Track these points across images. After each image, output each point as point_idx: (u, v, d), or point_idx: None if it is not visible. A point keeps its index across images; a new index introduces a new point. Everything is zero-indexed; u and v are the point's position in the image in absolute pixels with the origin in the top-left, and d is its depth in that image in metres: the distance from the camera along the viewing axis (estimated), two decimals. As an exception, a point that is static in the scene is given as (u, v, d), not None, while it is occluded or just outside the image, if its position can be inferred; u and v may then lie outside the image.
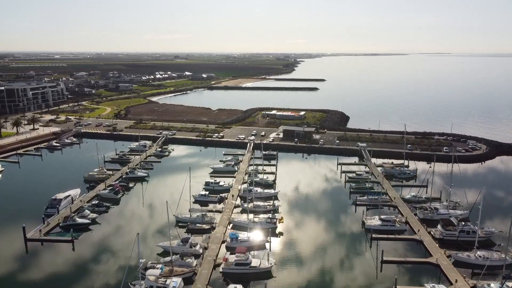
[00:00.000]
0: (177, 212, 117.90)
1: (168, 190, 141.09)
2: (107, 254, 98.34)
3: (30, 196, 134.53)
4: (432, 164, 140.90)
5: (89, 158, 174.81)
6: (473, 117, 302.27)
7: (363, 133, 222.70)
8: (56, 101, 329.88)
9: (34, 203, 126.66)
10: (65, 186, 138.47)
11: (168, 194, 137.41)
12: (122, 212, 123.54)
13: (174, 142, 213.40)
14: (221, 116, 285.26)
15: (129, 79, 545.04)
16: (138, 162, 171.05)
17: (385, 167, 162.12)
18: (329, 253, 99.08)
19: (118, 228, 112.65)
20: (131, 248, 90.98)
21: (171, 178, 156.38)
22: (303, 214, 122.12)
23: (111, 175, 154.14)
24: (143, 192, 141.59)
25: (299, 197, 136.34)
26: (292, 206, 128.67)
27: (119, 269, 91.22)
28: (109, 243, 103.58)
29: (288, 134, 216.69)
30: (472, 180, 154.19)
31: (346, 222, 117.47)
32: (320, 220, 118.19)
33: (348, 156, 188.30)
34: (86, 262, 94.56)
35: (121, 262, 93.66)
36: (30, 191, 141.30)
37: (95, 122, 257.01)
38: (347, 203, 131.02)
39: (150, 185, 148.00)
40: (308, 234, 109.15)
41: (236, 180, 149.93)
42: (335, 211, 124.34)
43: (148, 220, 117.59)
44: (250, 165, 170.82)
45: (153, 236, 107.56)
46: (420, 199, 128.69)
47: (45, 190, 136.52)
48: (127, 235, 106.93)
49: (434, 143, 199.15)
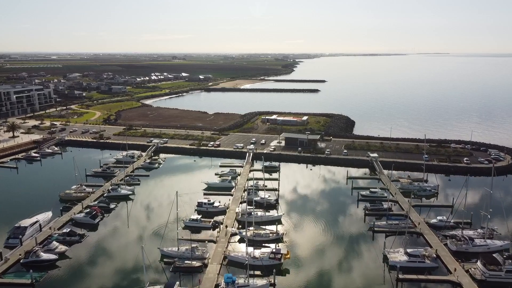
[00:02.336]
0: (162, 244, 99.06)
1: (154, 213, 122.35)
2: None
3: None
4: (460, 179, 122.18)
5: (69, 172, 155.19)
6: (489, 121, 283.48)
7: (372, 141, 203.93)
8: (42, 105, 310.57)
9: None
10: (36, 207, 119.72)
11: (154, 217, 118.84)
12: (99, 243, 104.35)
13: (166, 151, 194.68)
14: (218, 121, 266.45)
15: (123, 81, 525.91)
16: (123, 176, 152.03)
17: (402, 182, 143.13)
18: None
19: (91, 265, 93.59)
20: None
21: (159, 195, 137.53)
22: (312, 245, 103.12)
23: (91, 193, 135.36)
24: (127, 214, 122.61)
25: (306, 222, 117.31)
26: (298, 233, 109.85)
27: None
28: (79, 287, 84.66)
29: (291, 142, 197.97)
30: (506, 199, 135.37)
31: (363, 254, 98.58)
32: (332, 252, 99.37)
33: (358, 168, 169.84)
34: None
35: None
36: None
37: (82, 128, 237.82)
38: (363, 229, 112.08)
39: (135, 206, 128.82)
40: (319, 272, 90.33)
41: (233, 199, 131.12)
42: (350, 241, 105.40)
43: (128, 254, 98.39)
44: (250, 179, 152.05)
45: (131, 277, 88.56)
46: (448, 223, 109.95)
47: (12, 214, 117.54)
48: (101, 277, 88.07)
49: (452, 153, 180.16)
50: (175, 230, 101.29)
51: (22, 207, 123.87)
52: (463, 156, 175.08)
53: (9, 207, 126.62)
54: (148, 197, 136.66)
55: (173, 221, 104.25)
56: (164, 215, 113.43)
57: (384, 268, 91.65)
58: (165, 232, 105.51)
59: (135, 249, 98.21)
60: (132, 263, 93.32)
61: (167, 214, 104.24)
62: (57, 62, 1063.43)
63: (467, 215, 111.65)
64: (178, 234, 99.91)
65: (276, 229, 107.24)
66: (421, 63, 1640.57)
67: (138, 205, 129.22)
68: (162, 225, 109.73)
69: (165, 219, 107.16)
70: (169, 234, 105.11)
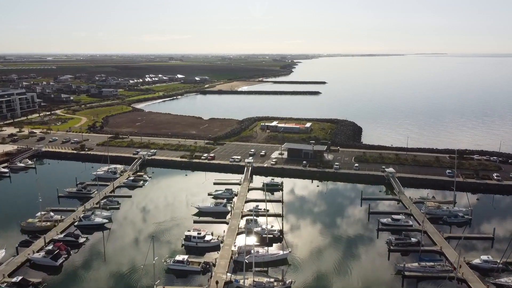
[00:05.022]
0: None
1: (132, 250, 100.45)
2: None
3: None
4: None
5: (42, 193, 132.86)
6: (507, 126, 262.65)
7: (385, 151, 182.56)
8: (25, 110, 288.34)
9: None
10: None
11: (132, 255, 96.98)
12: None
13: (154, 165, 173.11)
14: (213, 127, 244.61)
15: (116, 83, 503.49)
16: (100, 198, 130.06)
17: (428, 205, 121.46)
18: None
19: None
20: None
21: (140, 224, 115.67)
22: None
23: (59, 221, 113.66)
24: (98, 251, 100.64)
25: (317, 261, 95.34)
26: (309, 279, 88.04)
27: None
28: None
29: (294, 154, 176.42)
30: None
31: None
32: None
33: (372, 184, 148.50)
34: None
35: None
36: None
37: (63, 137, 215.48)
38: (389, 272, 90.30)
39: (110, 240, 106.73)
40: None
41: (229, 229, 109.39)
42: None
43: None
44: (248, 201, 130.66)
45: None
46: (495, 265, 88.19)
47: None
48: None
49: (477, 166, 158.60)
50: (156, 275, 79.68)
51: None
52: (491, 170, 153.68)
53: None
54: (127, 226, 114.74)
55: (154, 262, 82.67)
56: (143, 252, 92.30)
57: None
58: (142, 278, 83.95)
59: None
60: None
61: (147, 250, 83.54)
62: (52, 64, 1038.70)
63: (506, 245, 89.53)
64: (156, 285, 78.24)
65: (282, 275, 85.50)
66: (421, 63, 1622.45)
67: (113, 238, 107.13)
68: (139, 268, 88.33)
69: (143, 260, 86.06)
70: (147, 281, 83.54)
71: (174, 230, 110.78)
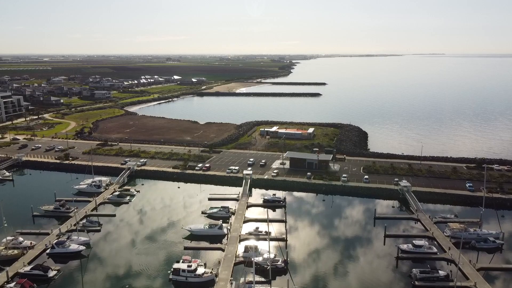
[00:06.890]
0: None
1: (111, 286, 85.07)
2: None
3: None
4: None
5: (12, 212, 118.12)
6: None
7: (397, 161, 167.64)
8: (10, 114, 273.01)
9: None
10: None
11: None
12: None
13: (143, 176, 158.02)
14: (210, 133, 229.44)
15: (110, 85, 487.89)
16: (80, 218, 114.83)
17: (452, 227, 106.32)
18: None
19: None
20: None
21: (124, 250, 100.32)
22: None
23: (29, 248, 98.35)
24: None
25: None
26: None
27: None
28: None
29: (297, 164, 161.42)
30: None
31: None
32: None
33: (384, 199, 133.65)
34: None
35: None
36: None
37: (47, 144, 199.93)
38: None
39: (88, 271, 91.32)
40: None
41: (224, 258, 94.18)
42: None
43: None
44: (247, 221, 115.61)
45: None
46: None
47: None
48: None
49: (499, 178, 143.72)
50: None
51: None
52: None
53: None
54: (107, 254, 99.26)
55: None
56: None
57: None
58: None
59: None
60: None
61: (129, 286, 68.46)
62: (47, 64, 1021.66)
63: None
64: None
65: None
66: (419, 63, 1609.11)
67: (91, 270, 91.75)
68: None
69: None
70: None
71: (161, 257, 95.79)
